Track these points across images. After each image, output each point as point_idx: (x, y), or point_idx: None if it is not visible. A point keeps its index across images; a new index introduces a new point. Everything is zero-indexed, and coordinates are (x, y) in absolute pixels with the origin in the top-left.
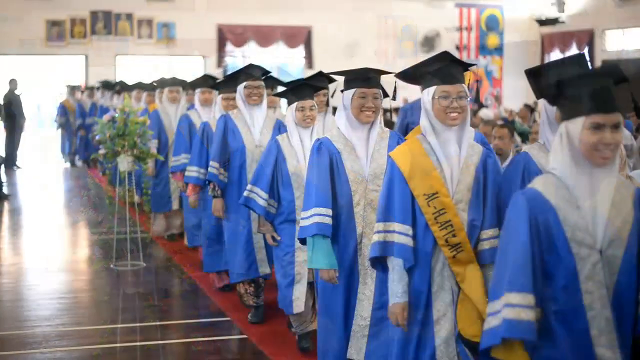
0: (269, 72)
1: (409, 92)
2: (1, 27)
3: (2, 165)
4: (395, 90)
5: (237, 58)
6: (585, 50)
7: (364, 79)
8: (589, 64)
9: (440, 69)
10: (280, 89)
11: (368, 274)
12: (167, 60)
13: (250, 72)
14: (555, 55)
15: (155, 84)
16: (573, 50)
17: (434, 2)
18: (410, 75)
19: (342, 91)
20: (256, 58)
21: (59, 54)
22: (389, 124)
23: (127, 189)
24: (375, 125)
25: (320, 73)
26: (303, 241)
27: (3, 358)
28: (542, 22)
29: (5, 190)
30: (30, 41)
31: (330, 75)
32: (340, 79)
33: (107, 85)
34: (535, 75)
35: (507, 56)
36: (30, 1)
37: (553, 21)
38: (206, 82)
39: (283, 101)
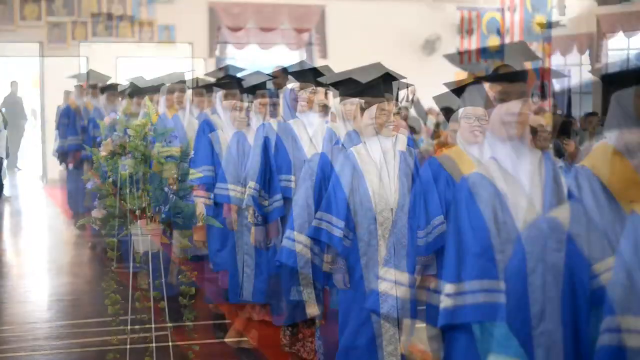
0: (322, 75)
1: None
2: (1, 28)
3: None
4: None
5: (238, 61)
6: (587, 54)
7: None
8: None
9: None
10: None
11: None
12: (168, 62)
13: (301, 72)
14: (556, 58)
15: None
16: (574, 54)
17: (434, 4)
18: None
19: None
20: (259, 59)
21: (60, 56)
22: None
23: (129, 191)
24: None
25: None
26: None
27: (4, 359)
28: (543, 26)
29: (6, 192)
30: (31, 43)
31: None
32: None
33: (112, 88)
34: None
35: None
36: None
37: (554, 24)
38: (231, 83)
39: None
